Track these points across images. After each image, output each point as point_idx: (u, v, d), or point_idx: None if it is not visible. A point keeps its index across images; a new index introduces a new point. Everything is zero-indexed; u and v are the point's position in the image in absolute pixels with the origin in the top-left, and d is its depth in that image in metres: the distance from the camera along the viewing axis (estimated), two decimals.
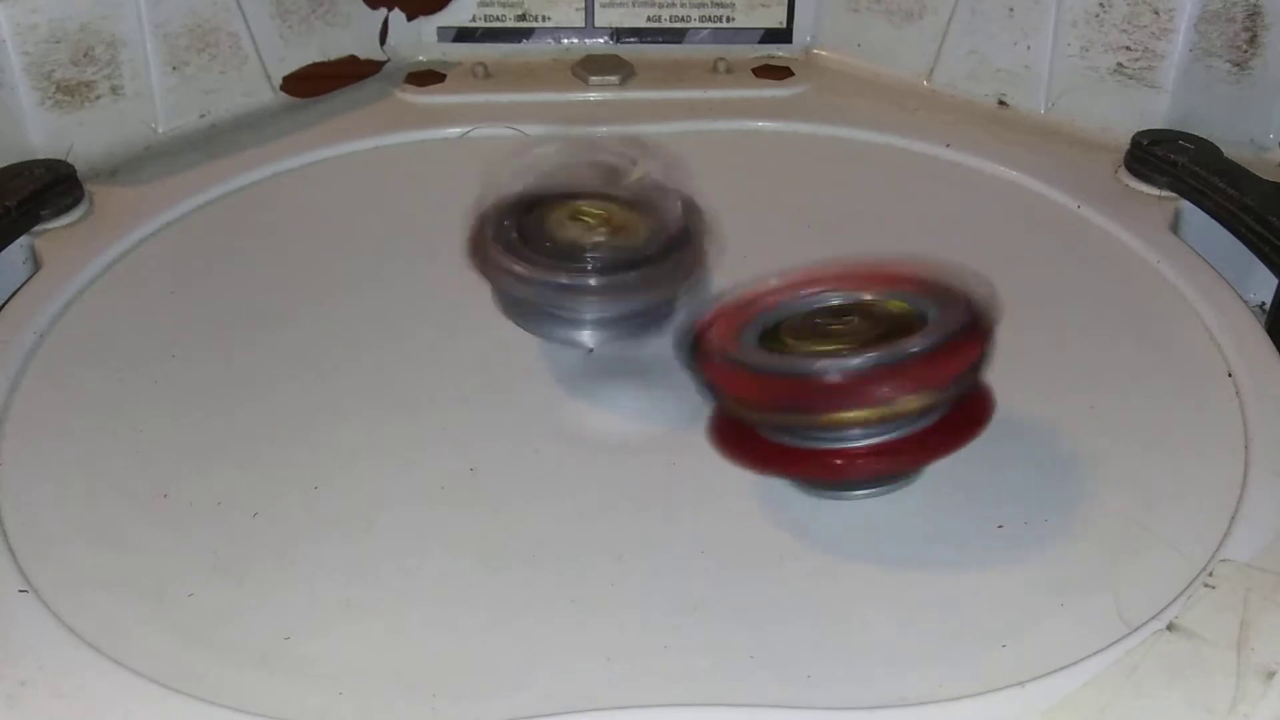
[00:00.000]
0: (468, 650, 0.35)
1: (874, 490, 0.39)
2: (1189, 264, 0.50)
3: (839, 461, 0.36)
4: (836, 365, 0.34)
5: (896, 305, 0.37)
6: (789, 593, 0.36)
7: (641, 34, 0.67)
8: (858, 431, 0.35)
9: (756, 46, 0.67)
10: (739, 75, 0.65)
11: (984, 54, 0.62)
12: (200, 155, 0.57)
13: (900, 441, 0.35)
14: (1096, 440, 0.42)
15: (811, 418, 0.35)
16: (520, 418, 0.42)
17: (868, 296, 0.38)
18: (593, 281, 0.40)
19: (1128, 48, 0.58)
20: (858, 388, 0.34)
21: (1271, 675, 0.32)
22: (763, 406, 0.36)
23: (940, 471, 0.40)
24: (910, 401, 0.35)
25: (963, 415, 0.36)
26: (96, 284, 0.49)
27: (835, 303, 0.38)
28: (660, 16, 0.67)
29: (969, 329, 0.35)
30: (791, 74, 0.65)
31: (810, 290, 0.38)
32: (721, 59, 0.65)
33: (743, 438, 0.38)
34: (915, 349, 0.34)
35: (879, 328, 0.36)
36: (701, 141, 0.60)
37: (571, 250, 0.41)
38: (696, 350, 0.37)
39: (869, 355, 0.34)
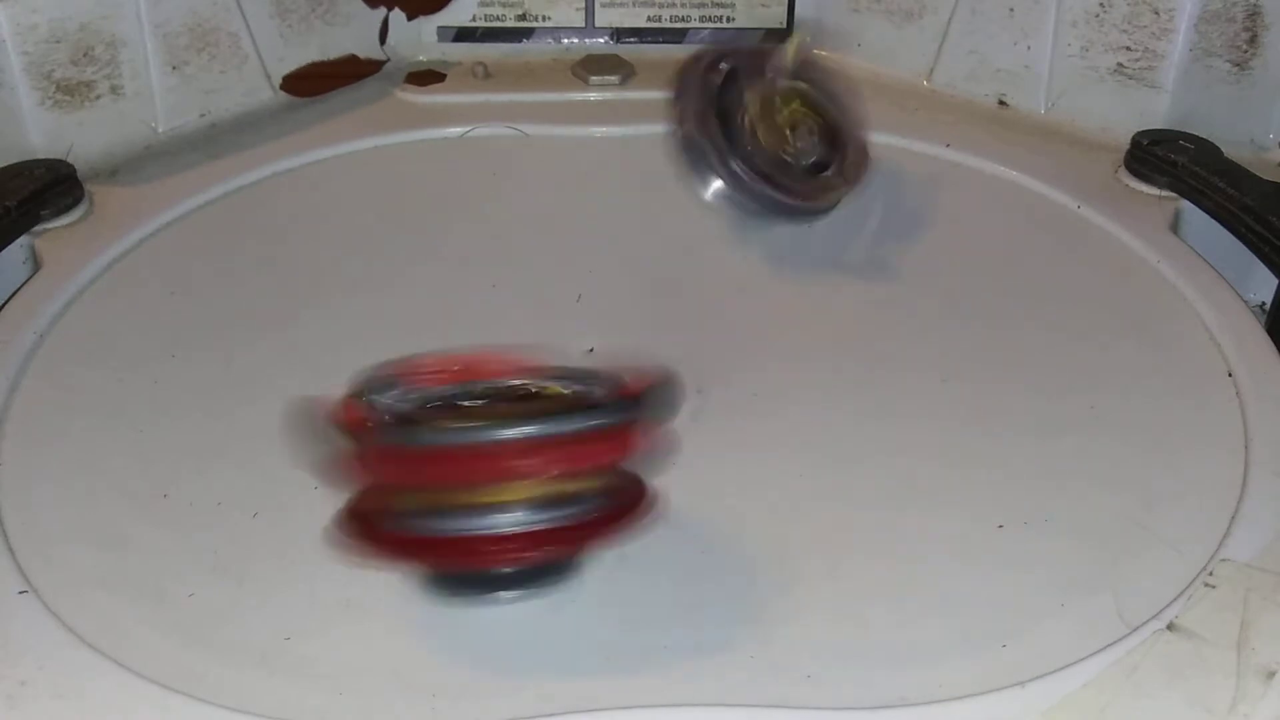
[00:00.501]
0: (468, 650, 0.35)
1: (519, 593, 0.36)
2: (1189, 264, 0.50)
3: (488, 547, 0.33)
4: (486, 435, 0.32)
5: (555, 390, 0.35)
6: (789, 593, 0.36)
7: (641, 34, 0.67)
8: (505, 517, 0.33)
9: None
10: None
11: (984, 54, 0.62)
12: (200, 155, 0.57)
13: (549, 532, 0.33)
14: (1096, 440, 0.42)
15: (458, 495, 0.33)
16: None
17: (519, 382, 0.35)
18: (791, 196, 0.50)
19: (1128, 48, 0.58)
20: (506, 461, 0.32)
21: (1271, 675, 0.32)
22: (407, 485, 0.34)
23: (940, 471, 0.40)
24: (561, 485, 0.33)
25: (616, 510, 0.34)
26: (96, 284, 0.49)
27: (480, 389, 0.35)
28: (660, 16, 0.66)
29: (630, 417, 0.34)
30: None
31: (449, 379, 0.35)
32: None
33: (377, 529, 0.34)
34: (573, 427, 0.32)
35: (532, 409, 0.34)
36: None
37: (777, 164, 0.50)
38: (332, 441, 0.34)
39: (521, 428, 0.32)
